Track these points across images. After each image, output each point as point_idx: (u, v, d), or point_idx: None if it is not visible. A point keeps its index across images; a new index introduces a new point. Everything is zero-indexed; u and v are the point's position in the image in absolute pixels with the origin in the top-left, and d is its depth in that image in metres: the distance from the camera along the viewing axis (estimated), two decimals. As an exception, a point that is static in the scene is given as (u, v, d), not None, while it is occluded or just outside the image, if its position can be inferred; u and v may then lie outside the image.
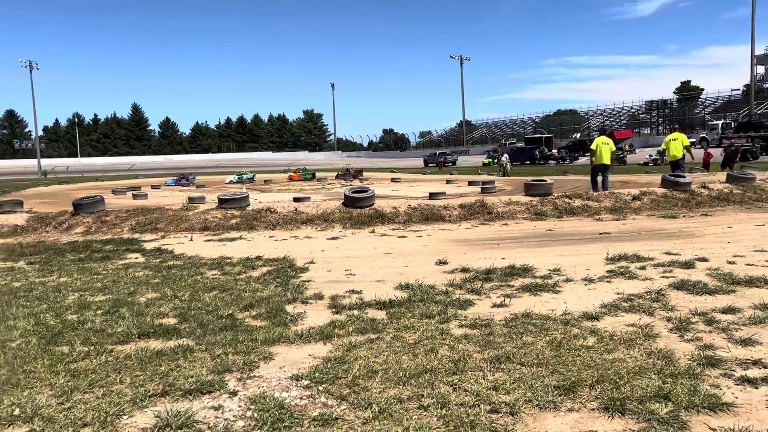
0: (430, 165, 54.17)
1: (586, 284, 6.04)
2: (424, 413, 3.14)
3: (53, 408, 3.35)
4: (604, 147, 14.85)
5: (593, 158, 14.99)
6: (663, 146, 16.36)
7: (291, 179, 34.14)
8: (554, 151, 50.54)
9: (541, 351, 3.97)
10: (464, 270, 6.93)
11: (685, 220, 10.96)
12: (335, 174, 35.89)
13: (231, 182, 33.01)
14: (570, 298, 5.49)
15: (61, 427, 3.13)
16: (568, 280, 6.22)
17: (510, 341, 4.22)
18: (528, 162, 48.27)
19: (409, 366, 3.79)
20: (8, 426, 3.19)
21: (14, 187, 31.37)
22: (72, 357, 4.22)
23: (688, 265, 6.68)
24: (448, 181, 23.43)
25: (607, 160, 14.82)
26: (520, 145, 59.48)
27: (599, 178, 14.86)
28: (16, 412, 3.32)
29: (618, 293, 5.58)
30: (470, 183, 21.43)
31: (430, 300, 5.52)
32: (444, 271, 6.96)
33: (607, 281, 6.13)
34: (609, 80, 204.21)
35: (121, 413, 3.28)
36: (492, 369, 3.70)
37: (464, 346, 4.17)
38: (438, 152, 61.09)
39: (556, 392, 3.33)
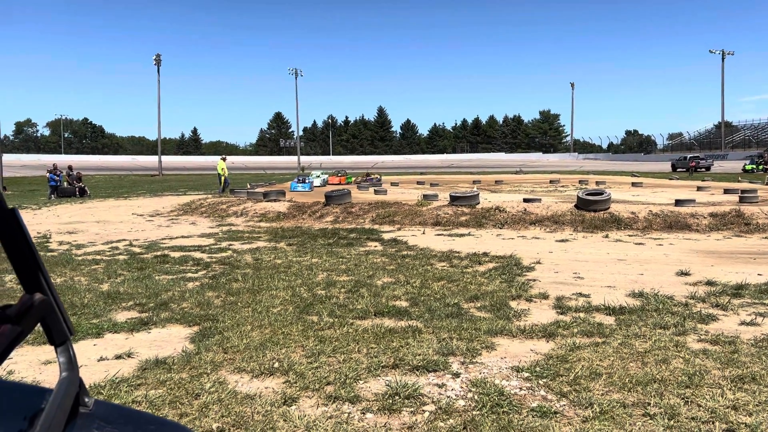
0: (678, 170, 49.32)
1: None
2: (650, 421, 3.00)
3: (304, 366, 3.90)
4: None
5: None
6: None
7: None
8: (841, 156, 42.52)
9: (798, 377, 3.51)
10: (709, 283, 6.31)
11: None
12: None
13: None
14: (844, 325, 4.71)
15: (309, 382, 3.63)
16: (843, 305, 5.32)
17: (758, 362, 3.79)
18: (804, 169, 41.36)
19: (636, 373, 3.64)
20: (270, 375, 3.81)
21: (278, 179, 35.91)
22: (320, 326, 4.84)
23: None
24: (699, 188, 21.03)
25: None
26: (795, 149, 51.16)
27: None
28: (276, 365, 3.94)
29: None
30: (726, 191, 19.01)
31: (666, 311, 5.17)
32: (685, 283, 6.42)
33: None
34: None
35: (358, 378, 3.70)
36: (733, 388, 3.37)
37: (702, 361, 3.85)
38: (689, 156, 55.28)
39: (812, 423, 2.94)
